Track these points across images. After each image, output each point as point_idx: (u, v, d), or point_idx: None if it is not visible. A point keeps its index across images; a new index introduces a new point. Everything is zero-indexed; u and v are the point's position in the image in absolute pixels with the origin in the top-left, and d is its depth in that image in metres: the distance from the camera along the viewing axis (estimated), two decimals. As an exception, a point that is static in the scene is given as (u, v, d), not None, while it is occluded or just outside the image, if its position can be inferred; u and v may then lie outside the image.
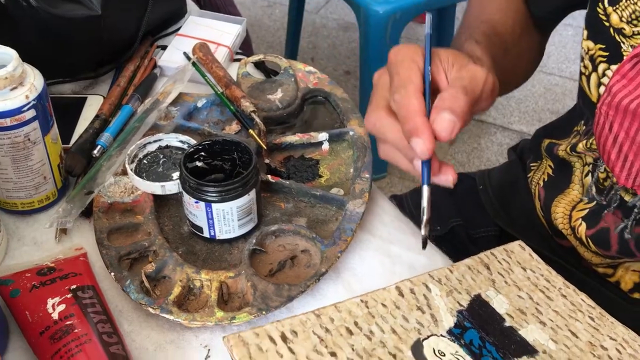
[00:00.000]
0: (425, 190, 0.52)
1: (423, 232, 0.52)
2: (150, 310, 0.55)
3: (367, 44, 1.74)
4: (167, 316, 0.54)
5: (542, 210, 0.78)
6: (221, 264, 0.60)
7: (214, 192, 0.58)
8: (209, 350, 0.54)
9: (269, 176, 0.66)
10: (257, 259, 0.60)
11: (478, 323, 0.54)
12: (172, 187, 0.63)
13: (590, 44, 0.66)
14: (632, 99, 0.60)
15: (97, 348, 0.49)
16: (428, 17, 0.61)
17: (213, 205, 0.58)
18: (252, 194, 0.60)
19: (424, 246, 0.53)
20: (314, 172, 0.70)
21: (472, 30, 0.69)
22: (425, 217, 0.52)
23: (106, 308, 0.54)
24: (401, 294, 0.54)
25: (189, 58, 0.78)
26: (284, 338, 0.45)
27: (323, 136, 0.72)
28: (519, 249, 0.65)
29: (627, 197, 0.66)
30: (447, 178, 0.53)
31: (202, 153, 0.63)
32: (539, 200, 0.79)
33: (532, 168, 0.83)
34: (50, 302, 0.53)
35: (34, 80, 0.59)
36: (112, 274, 0.57)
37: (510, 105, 2.12)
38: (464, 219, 0.89)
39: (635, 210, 0.66)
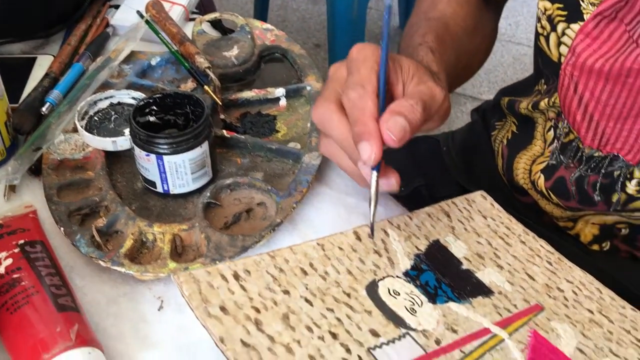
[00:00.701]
0: (374, 176, 0.51)
1: (371, 218, 0.51)
2: (102, 263, 0.54)
3: (334, 16, 1.73)
4: (118, 269, 0.53)
5: (504, 168, 0.78)
6: (175, 219, 0.59)
7: (164, 144, 0.57)
8: (162, 301, 0.53)
9: (224, 131, 0.65)
10: (212, 213, 0.59)
11: (435, 266, 0.53)
12: (123, 142, 0.61)
13: (547, 3, 0.65)
14: (596, 58, 0.59)
15: (45, 299, 0.48)
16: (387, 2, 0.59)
17: (164, 157, 0.57)
18: (205, 146, 0.59)
19: (372, 234, 0.52)
20: (271, 128, 0.69)
21: (424, 31, 0.66)
22: (372, 202, 0.51)
23: (56, 262, 0.53)
24: (359, 238, 0.53)
25: (141, 16, 0.76)
26: (236, 276, 0.45)
27: (280, 92, 0.71)
28: (480, 199, 0.65)
29: (586, 150, 0.66)
30: (389, 182, 0.52)
31: (154, 107, 0.61)
32: (502, 159, 0.79)
33: (497, 127, 0.83)
34: (-4, 257, 0.51)
35: (-25, 34, 0.57)
36: (62, 229, 0.56)
37: (479, 75, 2.12)
38: (428, 180, 0.89)
39: (592, 160, 0.66)
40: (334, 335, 0.43)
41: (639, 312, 0.56)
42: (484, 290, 0.53)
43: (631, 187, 0.64)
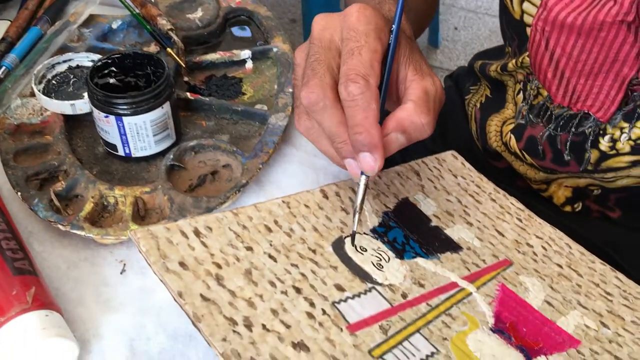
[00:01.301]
0: (363, 179, 0.47)
1: (355, 226, 0.48)
2: (60, 227, 0.52)
3: (308, -11, 1.71)
4: (78, 232, 0.52)
5: (477, 133, 0.78)
6: (138, 182, 0.58)
7: (124, 105, 0.55)
8: (124, 265, 0.52)
9: (188, 93, 0.64)
10: (176, 175, 0.58)
11: (403, 223, 0.53)
12: (82, 105, 0.60)
13: None
14: (568, 12, 0.58)
15: (1, 264, 0.46)
16: None
17: (124, 119, 0.55)
18: (167, 107, 0.57)
19: (353, 241, 0.48)
20: (237, 90, 0.67)
21: None
22: (358, 208, 0.48)
23: (13, 227, 0.51)
24: (326, 197, 0.52)
25: (101, -21, 0.74)
26: (197, 233, 0.43)
27: (246, 54, 0.69)
28: (451, 158, 0.64)
29: (556, 111, 0.66)
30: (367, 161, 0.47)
31: (113, 68, 0.59)
32: (475, 123, 0.78)
33: (471, 91, 0.82)
34: (-51, 222, 0.49)
35: None
36: (19, 193, 0.54)
37: (456, 48, 2.12)
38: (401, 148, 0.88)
39: (560, 118, 0.65)
40: (298, 290, 0.42)
41: (608, 266, 0.56)
42: (452, 246, 0.52)
43: (604, 144, 0.64)
